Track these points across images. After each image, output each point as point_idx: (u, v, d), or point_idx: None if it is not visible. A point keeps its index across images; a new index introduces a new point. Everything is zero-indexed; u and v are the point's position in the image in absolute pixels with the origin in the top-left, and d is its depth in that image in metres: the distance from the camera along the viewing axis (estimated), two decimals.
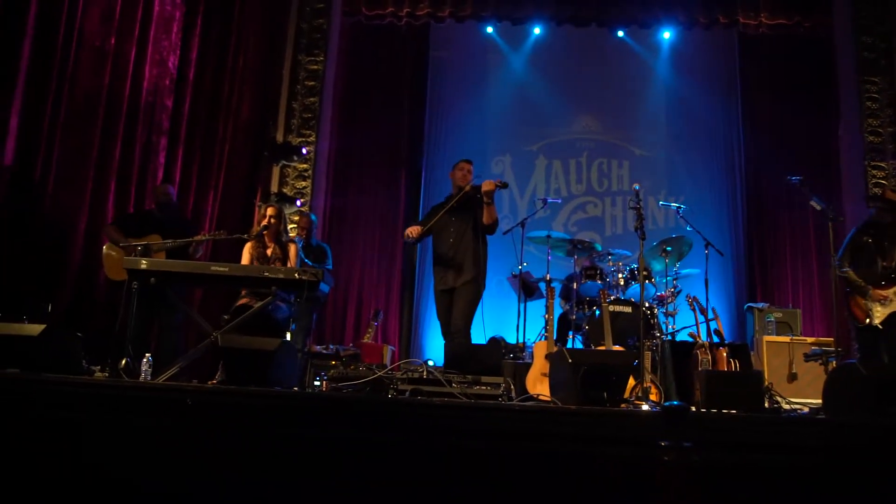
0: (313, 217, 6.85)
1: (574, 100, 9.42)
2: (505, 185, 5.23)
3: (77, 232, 6.00)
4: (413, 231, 5.34)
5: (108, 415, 3.17)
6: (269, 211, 5.44)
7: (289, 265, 5.26)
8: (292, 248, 5.39)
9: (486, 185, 5.19)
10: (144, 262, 4.61)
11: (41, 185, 5.72)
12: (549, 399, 4.25)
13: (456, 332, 5.21)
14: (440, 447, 2.96)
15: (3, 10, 5.33)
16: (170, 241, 5.49)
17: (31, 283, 5.57)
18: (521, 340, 6.46)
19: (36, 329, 4.01)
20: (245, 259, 5.37)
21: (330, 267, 6.33)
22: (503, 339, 6.89)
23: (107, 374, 4.35)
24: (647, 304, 6.35)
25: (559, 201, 8.86)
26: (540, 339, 6.42)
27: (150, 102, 6.77)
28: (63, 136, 5.92)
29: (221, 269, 4.64)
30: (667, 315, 6.52)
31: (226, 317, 4.90)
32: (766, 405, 4.27)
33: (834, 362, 5.47)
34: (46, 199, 5.77)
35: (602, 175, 9.38)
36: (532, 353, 5.68)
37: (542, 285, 6.91)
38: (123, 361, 4.36)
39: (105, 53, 6.29)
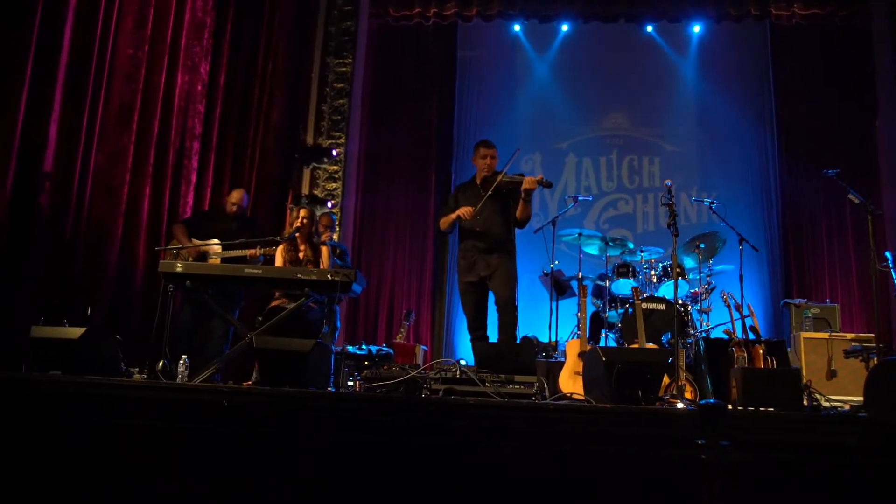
0: (333, 216, 6.92)
1: (603, 97, 9.36)
2: (549, 185, 5.11)
3: (114, 236, 6.09)
4: (468, 212, 5.19)
5: (145, 416, 3.22)
6: (302, 213, 5.48)
7: (321, 267, 5.29)
8: (325, 250, 5.43)
9: (528, 184, 5.06)
10: (179, 265, 4.68)
11: (79, 191, 5.82)
12: (583, 398, 4.22)
13: (505, 306, 5.15)
14: (474, 446, 2.96)
15: (40, 24, 5.44)
16: (231, 252, 5.49)
17: (71, 288, 5.67)
18: (553, 339, 6.44)
19: (76, 332, 4.10)
20: (278, 261, 5.41)
21: (349, 265, 6.35)
22: (535, 338, 6.86)
23: (145, 376, 4.42)
24: (680, 302, 6.29)
25: (590, 199, 8.81)
26: (572, 338, 6.40)
27: (182, 108, 6.86)
28: (99, 142, 6.02)
29: (255, 271, 4.69)
30: (701, 312, 6.45)
31: (259, 318, 4.96)
32: (805, 403, 4.20)
33: (875, 359, 5.36)
34: (84, 204, 5.87)
35: (633, 172, 9.31)
36: (564, 351, 5.66)
37: (574, 283, 6.88)
38: (161, 363, 4.43)
39: (138, 61, 6.38)
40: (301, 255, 5.41)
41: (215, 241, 5.66)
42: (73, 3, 5.70)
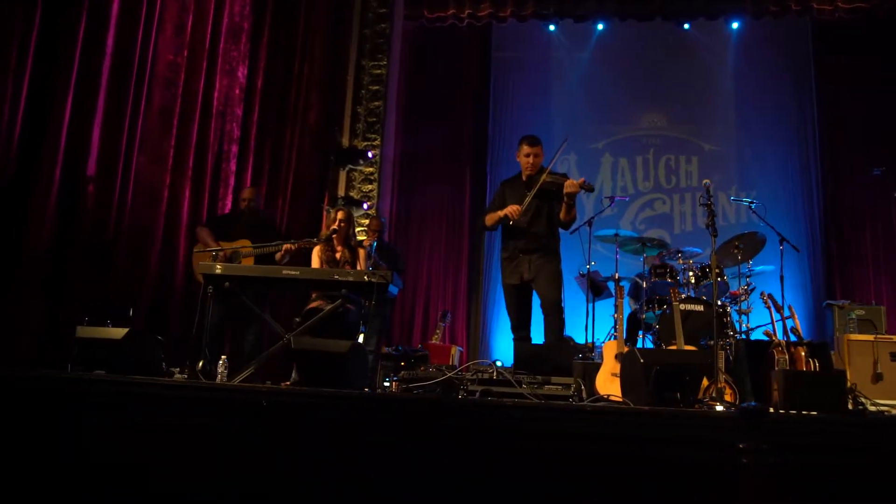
0: (383, 219, 6.94)
1: (639, 96, 9.28)
2: (591, 189, 5.08)
3: (155, 239, 6.20)
4: (516, 212, 5.19)
5: (187, 416, 3.27)
6: (339, 215, 5.52)
7: (358, 268, 5.33)
8: (361, 252, 5.47)
9: (570, 188, 5.03)
10: (219, 266, 4.74)
11: (121, 194, 5.93)
12: (620, 400, 4.19)
13: (550, 307, 5.16)
14: (512, 448, 2.96)
15: (84, 33, 5.58)
16: (260, 247, 5.54)
17: (113, 289, 5.79)
18: (590, 340, 6.39)
19: (119, 333, 4.17)
20: (314, 262, 5.46)
21: (402, 269, 6.39)
22: (572, 339, 6.82)
23: (185, 376, 4.49)
24: (719, 303, 6.20)
25: (626, 199, 8.74)
26: (609, 339, 6.34)
27: (220, 111, 6.96)
28: (140, 146, 6.13)
29: (293, 272, 4.74)
30: (740, 313, 6.35)
31: (297, 319, 5.00)
32: (850, 407, 4.11)
33: None
34: (126, 206, 5.99)
35: (670, 171, 9.22)
36: (601, 353, 5.60)
37: (611, 284, 6.82)
38: (201, 363, 4.50)
39: (178, 66, 6.49)
40: (338, 255, 5.45)
41: (245, 241, 5.72)
42: (115, 11, 5.83)
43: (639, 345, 6.31)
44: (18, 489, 3.15)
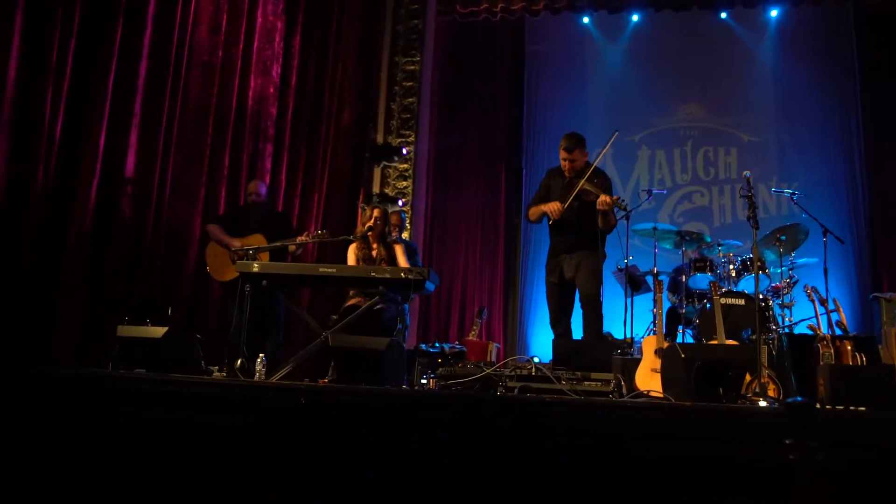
0: (403, 215, 6.96)
1: (676, 87, 9.17)
2: (625, 209, 5.08)
3: (192, 237, 6.28)
4: (555, 211, 5.17)
5: (226, 413, 3.31)
6: (375, 212, 5.53)
7: (399, 265, 5.32)
8: (398, 249, 5.46)
9: (603, 205, 5.01)
10: (256, 265, 4.78)
11: (158, 193, 6.02)
12: (661, 396, 4.14)
13: (589, 300, 5.16)
14: (552, 445, 2.94)
15: (121, 35, 5.67)
16: (277, 242, 5.59)
17: (152, 287, 5.88)
18: (629, 336, 6.34)
19: (159, 332, 4.23)
20: (350, 260, 5.48)
21: (419, 264, 6.39)
22: (610, 335, 6.77)
23: (224, 374, 4.54)
24: (761, 296, 6.10)
25: (664, 192, 8.63)
26: (649, 334, 6.28)
27: (255, 111, 7.02)
28: (177, 146, 6.22)
29: (329, 270, 4.76)
30: (782, 307, 6.25)
31: (334, 317, 5.03)
32: None
33: None
34: (164, 206, 6.07)
35: (708, 163, 9.08)
36: (641, 348, 5.55)
37: (650, 279, 6.78)
38: (239, 361, 4.54)
39: (213, 66, 6.57)
40: (374, 253, 5.47)
41: (259, 236, 5.75)
42: (151, 12, 5.91)
43: (679, 340, 6.24)
44: (55, 485, 3.21)
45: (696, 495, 2.81)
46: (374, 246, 5.49)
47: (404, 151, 8.29)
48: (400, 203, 8.16)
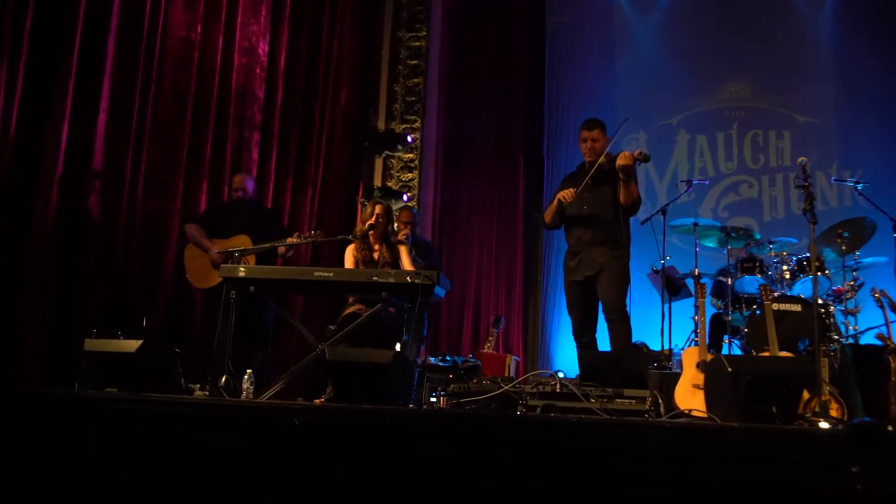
0: (415, 210, 6.95)
1: (720, 62, 9.13)
2: (646, 158, 5.06)
3: (169, 238, 6.30)
4: (568, 194, 5.20)
5: (209, 436, 3.31)
6: (377, 209, 5.51)
7: (403, 268, 5.31)
8: (403, 250, 5.44)
9: (623, 160, 5.02)
10: (243, 269, 4.78)
11: (131, 190, 6.04)
12: (705, 415, 4.13)
13: (611, 312, 5.18)
14: (581, 471, 2.93)
15: (86, 8, 5.68)
16: (265, 244, 5.58)
17: (124, 296, 5.90)
18: (666, 347, 6.32)
19: (133, 345, 4.24)
20: (348, 262, 5.47)
21: (439, 266, 6.39)
22: (645, 346, 6.74)
23: (207, 393, 4.54)
24: (820, 301, 6.06)
25: (706, 182, 8.57)
26: (690, 345, 6.25)
27: (240, 94, 7.04)
28: (151, 135, 6.24)
29: (326, 274, 4.75)
30: (846, 313, 6.21)
31: (332, 327, 5.02)
32: None
33: None
34: (137, 203, 6.09)
35: (757, 149, 9.03)
36: (680, 361, 5.54)
37: (690, 282, 6.73)
38: (223, 379, 4.54)
39: (191, 44, 6.58)
40: (376, 255, 5.45)
41: (244, 237, 5.75)
42: None
43: (724, 351, 6.22)
44: None
45: None
46: (377, 247, 5.47)
47: (409, 139, 8.30)
48: (405, 198, 8.17)
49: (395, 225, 6.60)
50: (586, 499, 2.88)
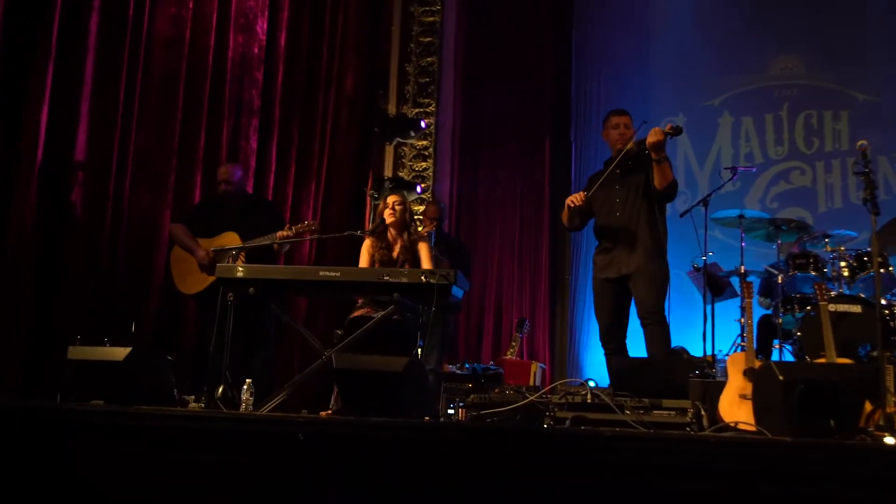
0: (442, 205, 6.94)
1: (768, 35, 9.10)
2: (678, 131, 5.05)
3: (160, 235, 6.31)
4: (577, 197, 5.25)
5: (205, 453, 3.32)
6: (393, 199, 5.51)
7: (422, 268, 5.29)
8: (423, 248, 5.42)
9: (652, 136, 5.01)
10: (241, 268, 4.79)
11: (118, 182, 6.06)
12: (753, 429, 4.11)
13: (648, 316, 5.17)
14: (615, 491, 2.92)
15: None
16: (253, 241, 5.57)
17: (111, 299, 5.92)
18: (709, 352, 6.30)
19: (121, 353, 4.25)
20: (363, 260, 5.48)
21: (468, 266, 6.39)
22: (686, 351, 6.73)
23: (202, 405, 4.56)
24: (884, 302, 6.02)
25: (753, 170, 8.54)
26: (736, 351, 6.22)
27: (236, 76, 7.06)
28: (139, 122, 6.25)
29: (332, 274, 4.75)
30: None
31: (339, 332, 5.03)
32: None
33: None
34: (124, 197, 6.11)
35: (811, 132, 8.99)
36: (725, 368, 5.52)
37: (735, 280, 6.72)
38: (220, 389, 4.55)
39: (182, 21, 6.59)
40: (395, 254, 5.43)
41: (232, 234, 5.75)
42: None
43: (774, 358, 6.19)
44: None
45: None
46: (397, 244, 5.44)
47: (423, 125, 8.31)
48: (418, 189, 8.18)
49: (421, 220, 6.61)
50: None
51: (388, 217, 5.41)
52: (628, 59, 9.28)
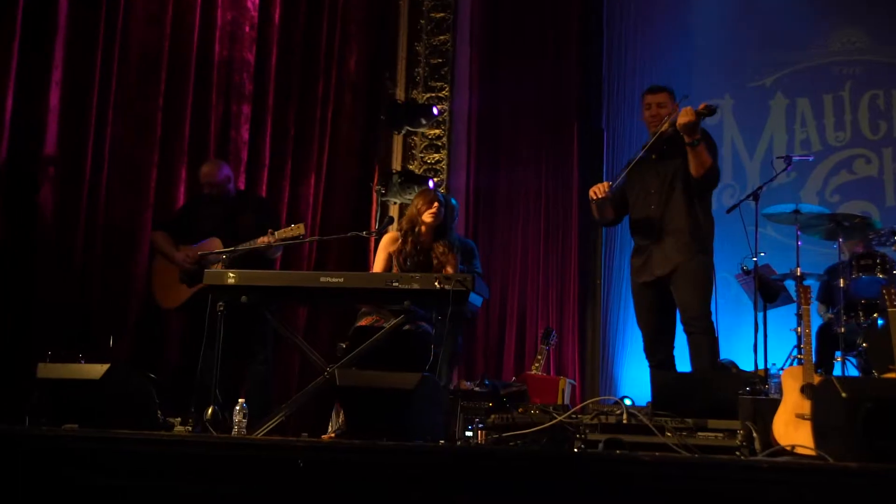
0: (454, 202, 6.95)
1: (826, 6, 9.05)
2: (712, 111, 5.00)
3: (141, 237, 6.33)
4: (599, 188, 5.25)
5: (194, 482, 3.33)
6: (434, 200, 5.52)
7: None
8: (452, 259, 5.45)
9: (683, 116, 4.96)
10: (232, 274, 4.80)
11: (93, 178, 6.08)
12: (813, 453, 4.10)
13: (692, 323, 5.16)
14: None
15: None
16: (232, 247, 5.55)
17: (86, 311, 5.95)
18: (761, 366, 6.28)
19: (97, 370, 4.27)
20: (380, 262, 5.49)
21: (479, 270, 6.40)
22: (735, 365, 6.71)
23: (189, 428, 4.58)
24: None
25: (810, 159, 8.50)
26: (792, 364, 6.20)
27: (225, 58, 7.07)
28: (116, 111, 6.26)
29: (334, 280, 4.76)
30: None
31: (343, 345, 5.04)
32: None
33: None
34: (100, 195, 6.13)
35: (877, 115, 8.94)
36: (780, 384, 5.51)
37: (790, 284, 6.70)
38: (210, 410, 4.57)
39: None
40: (435, 261, 5.43)
41: (215, 240, 5.78)
42: None
43: (836, 372, 6.17)
44: None
45: None
46: (438, 250, 5.44)
47: (435, 111, 8.32)
48: (431, 184, 8.17)
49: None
50: None
51: (429, 218, 5.42)
52: (667, 35, 9.25)
